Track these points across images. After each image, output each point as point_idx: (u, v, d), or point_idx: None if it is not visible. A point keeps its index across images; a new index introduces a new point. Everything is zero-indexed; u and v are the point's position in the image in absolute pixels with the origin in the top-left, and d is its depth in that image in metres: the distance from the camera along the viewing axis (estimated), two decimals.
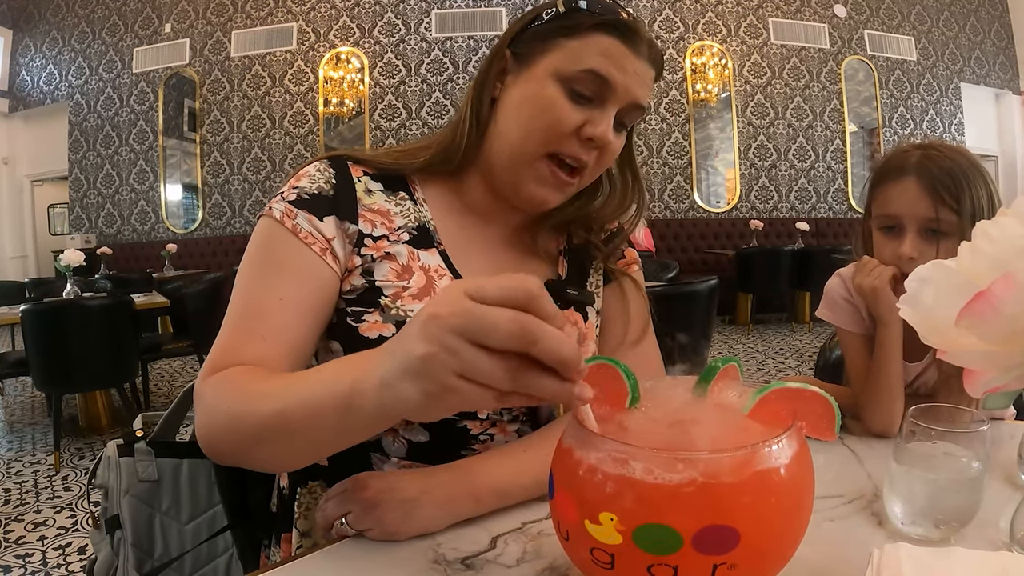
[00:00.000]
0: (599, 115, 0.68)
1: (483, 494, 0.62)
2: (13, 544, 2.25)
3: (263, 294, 0.64)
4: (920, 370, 0.96)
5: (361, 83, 6.99)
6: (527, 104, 0.69)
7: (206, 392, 0.58)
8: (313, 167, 0.73)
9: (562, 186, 0.71)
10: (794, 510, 0.42)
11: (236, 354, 0.61)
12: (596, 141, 0.68)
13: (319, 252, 0.67)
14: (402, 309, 0.68)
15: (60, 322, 2.93)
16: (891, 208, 0.89)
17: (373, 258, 0.70)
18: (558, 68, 0.67)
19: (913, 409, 0.60)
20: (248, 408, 0.53)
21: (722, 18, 7.21)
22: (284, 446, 0.52)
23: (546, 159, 0.69)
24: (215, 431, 0.57)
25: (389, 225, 0.72)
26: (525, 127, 0.69)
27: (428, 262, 0.72)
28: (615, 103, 0.68)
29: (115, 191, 7.41)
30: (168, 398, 4.23)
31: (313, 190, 0.70)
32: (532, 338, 0.37)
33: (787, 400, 0.44)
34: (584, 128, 0.67)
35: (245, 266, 0.67)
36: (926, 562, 0.47)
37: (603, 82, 0.67)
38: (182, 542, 0.80)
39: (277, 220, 0.67)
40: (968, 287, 0.36)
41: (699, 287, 2.87)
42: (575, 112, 0.67)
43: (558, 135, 0.68)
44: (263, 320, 0.63)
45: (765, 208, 7.27)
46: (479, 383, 0.38)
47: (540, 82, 0.68)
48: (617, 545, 0.39)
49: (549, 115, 0.67)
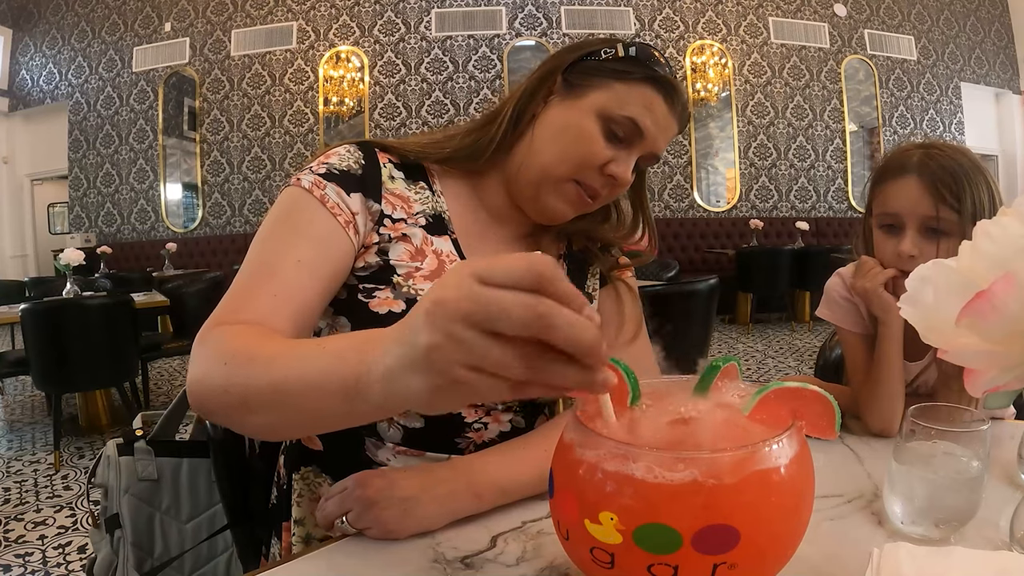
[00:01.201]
0: (625, 156, 0.74)
1: (483, 491, 0.62)
2: (13, 543, 2.25)
3: (281, 254, 0.65)
4: (920, 369, 0.96)
5: (361, 82, 6.99)
6: (567, 132, 0.74)
7: (208, 343, 0.56)
8: (344, 148, 0.75)
9: (582, 207, 0.76)
10: (794, 510, 0.42)
11: (245, 308, 0.61)
12: (616, 180, 0.73)
13: (343, 224, 0.69)
14: (413, 288, 0.70)
15: (60, 321, 2.93)
16: (892, 206, 0.89)
17: (390, 238, 0.72)
18: (603, 107, 0.72)
19: (913, 408, 0.60)
20: (247, 373, 0.50)
21: (722, 17, 7.21)
22: (277, 418, 0.50)
23: (571, 182, 0.74)
24: (207, 388, 0.54)
25: (408, 210, 0.75)
26: (561, 152, 0.74)
27: (441, 247, 0.75)
28: (640, 149, 0.74)
29: (115, 190, 7.41)
30: (168, 397, 4.23)
31: (343, 167, 0.72)
32: (548, 323, 0.34)
33: (787, 399, 0.44)
34: (609, 165, 0.73)
35: (266, 227, 0.68)
36: (926, 561, 0.46)
37: (638, 130, 0.73)
38: (182, 541, 0.80)
39: (306, 189, 0.69)
40: (969, 286, 0.36)
41: (699, 286, 2.87)
42: (607, 149, 0.73)
43: (587, 167, 0.73)
44: (277, 278, 0.63)
45: (765, 207, 7.27)
46: (491, 374, 0.35)
47: (583, 114, 0.73)
48: (617, 544, 0.39)
49: (585, 147, 0.72)
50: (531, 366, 0.35)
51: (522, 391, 0.37)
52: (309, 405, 0.46)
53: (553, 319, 0.34)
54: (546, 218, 0.78)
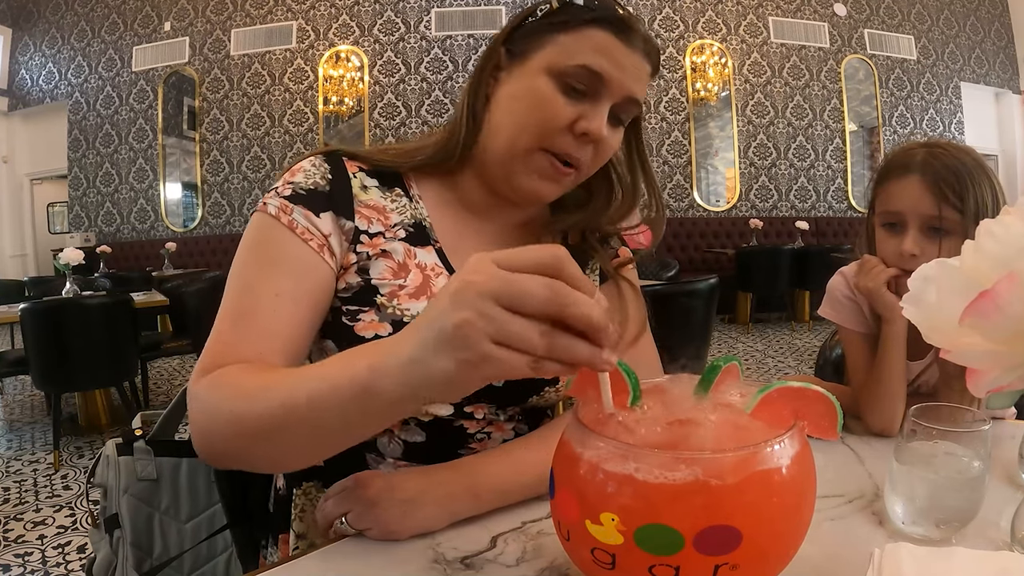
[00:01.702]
0: (592, 110, 0.67)
1: (483, 493, 0.61)
2: (12, 543, 2.24)
3: (258, 290, 0.62)
4: (921, 369, 0.96)
5: (361, 81, 6.98)
6: (520, 99, 0.69)
7: (201, 393, 0.56)
8: (308, 162, 0.71)
9: (559, 178, 0.70)
10: (796, 510, 0.42)
11: (231, 352, 0.59)
12: (590, 136, 0.67)
13: (316, 248, 0.65)
14: (399, 308, 0.67)
15: (59, 321, 2.93)
16: (894, 205, 0.89)
17: (369, 255, 0.69)
18: (551, 63, 0.67)
19: (914, 408, 0.60)
20: (250, 403, 0.51)
21: (722, 17, 7.20)
22: (287, 442, 0.50)
23: (542, 152, 0.68)
24: (215, 432, 0.54)
25: (385, 222, 0.71)
26: (519, 122, 0.68)
27: (424, 260, 0.71)
28: (609, 98, 0.68)
29: (114, 190, 7.41)
30: (167, 397, 4.23)
31: (309, 185, 0.68)
32: (564, 302, 0.38)
33: (789, 399, 0.44)
34: (578, 123, 0.67)
35: (239, 262, 0.66)
36: (927, 562, 0.46)
37: (596, 77, 0.66)
38: (181, 541, 0.80)
39: (272, 216, 0.66)
40: (972, 286, 0.35)
41: (699, 286, 2.87)
42: (568, 107, 0.67)
43: (551, 130, 0.67)
44: (258, 316, 0.61)
45: (765, 207, 7.26)
46: (515, 348, 0.38)
47: (533, 77, 0.68)
48: (618, 545, 0.39)
49: (542, 110, 0.67)
50: (549, 341, 0.38)
51: (539, 368, 0.39)
52: (320, 417, 0.47)
53: (568, 298, 0.38)
54: (527, 199, 0.73)
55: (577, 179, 0.72)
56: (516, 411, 0.74)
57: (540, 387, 0.72)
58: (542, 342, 0.38)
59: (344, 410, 0.45)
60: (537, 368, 0.39)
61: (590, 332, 0.39)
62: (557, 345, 0.39)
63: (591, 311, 0.39)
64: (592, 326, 0.39)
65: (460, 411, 0.70)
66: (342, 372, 0.45)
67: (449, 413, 0.69)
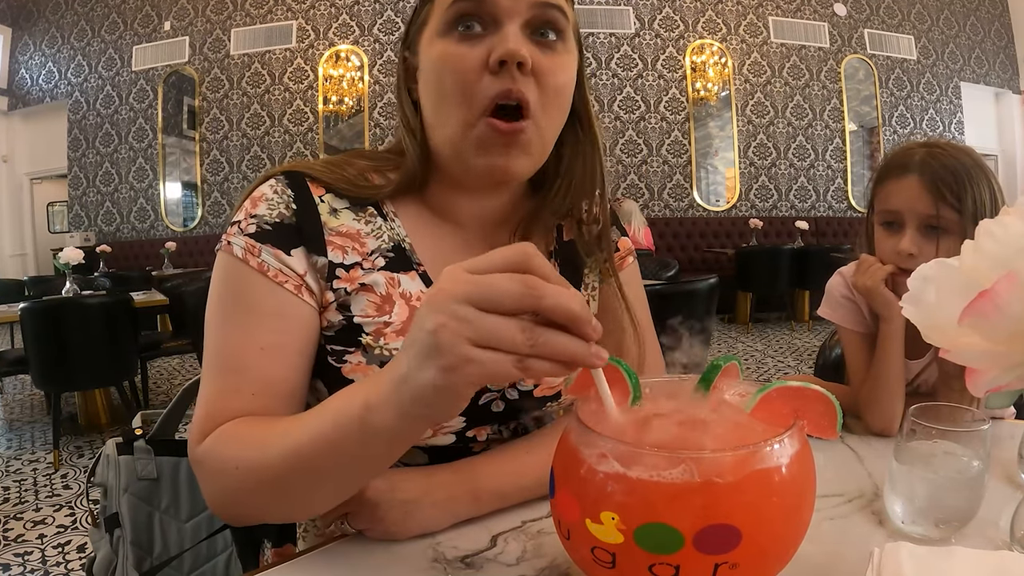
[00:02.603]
0: (498, 37, 0.59)
1: (484, 495, 0.61)
2: (12, 542, 2.25)
3: (241, 344, 0.58)
4: (921, 368, 0.96)
5: (360, 81, 6.98)
6: (430, 77, 0.63)
7: (205, 457, 0.55)
8: (269, 188, 0.64)
9: (511, 139, 0.60)
10: (796, 509, 0.42)
11: (225, 410, 0.57)
12: (511, 59, 0.58)
13: (293, 290, 0.60)
14: (386, 348, 0.63)
15: (59, 320, 2.93)
16: (892, 203, 0.89)
17: (347, 291, 0.63)
18: (436, 25, 0.62)
19: (914, 408, 0.60)
20: (261, 452, 0.51)
21: (722, 16, 7.20)
22: (306, 488, 0.50)
23: (480, 120, 0.60)
24: (229, 489, 0.54)
25: (361, 249, 0.65)
26: (440, 99, 0.62)
27: (408, 288, 0.65)
28: (509, 17, 0.59)
29: (114, 189, 7.40)
30: (167, 396, 4.23)
31: (274, 218, 0.62)
32: (538, 294, 0.38)
33: (789, 399, 0.44)
34: (490, 58, 0.58)
35: (214, 313, 0.61)
36: (926, 561, 0.46)
37: (478, 4, 0.59)
38: (181, 540, 0.80)
39: (239, 258, 0.60)
40: (971, 286, 0.36)
41: (699, 286, 2.87)
42: (472, 50, 0.59)
43: (468, 83, 0.59)
44: (246, 373, 0.58)
45: (765, 207, 7.26)
46: (496, 348, 0.37)
47: (429, 49, 0.63)
48: (618, 544, 0.39)
49: (449, 69, 0.60)
50: (531, 337, 0.38)
51: (526, 367, 0.38)
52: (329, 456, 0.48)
53: (541, 290, 0.38)
54: (492, 179, 0.64)
55: (538, 131, 0.62)
56: (518, 424, 0.72)
57: (542, 404, 0.71)
58: (523, 338, 0.38)
59: (348, 448, 0.46)
60: (524, 367, 0.38)
61: (572, 324, 0.38)
62: (540, 340, 0.38)
63: (569, 301, 0.38)
64: (572, 317, 0.38)
65: (462, 436, 0.68)
66: (341, 411, 0.46)
67: (451, 442, 0.67)
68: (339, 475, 0.50)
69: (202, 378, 0.60)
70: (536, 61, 0.59)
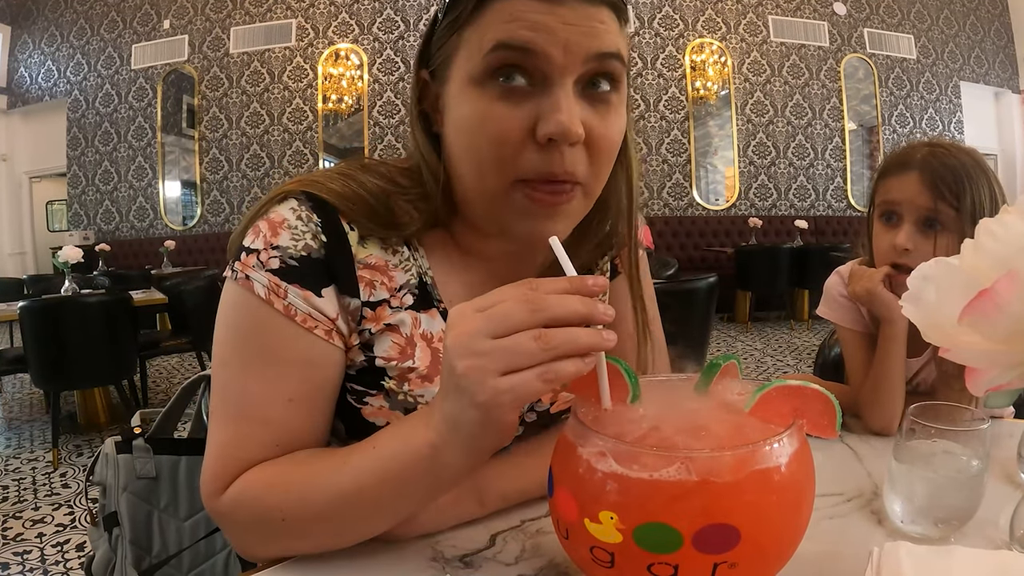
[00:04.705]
0: (548, 101, 0.50)
1: (487, 498, 0.61)
2: (11, 541, 2.25)
3: (264, 395, 0.54)
4: (919, 366, 0.96)
5: (360, 80, 6.97)
6: (461, 132, 0.54)
7: (236, 508, 0.53)
8: (291, 212, 0.56)
9: (553, 208, 0.54)
10: (795, 508, 0.42)
11: (243, 463, 0.54)
12: (561, 137, 0.49)
13: (324, 336, 0.55)
14: (411, 395, 0.59)
15: (58, 319, 2.93)
16: (892, 195, 0.90)
17: (371, 332, 0.58)
18: (469, 71, 0.52)
19: (913, 407, 0.60)
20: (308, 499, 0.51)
21: (722, 15, 7.20)
22: (364, 521, 0.52)
23: (519, 185, 0.53)
24: (271, 538, 0.53)
25: (389, 284, 0.59)
26: (472, 161, 0.54)
27: (429, 328, 0.61)
28: (562, 73, 0.50)
29: (113, 188, 7.40)
30: (166, 395, 4.23)
31: (300, 251, 0.55)
32: (541, 307, 0.40)
33: (788, 398, 0.44)
34: (537, 129, 0.50)
35: (231, 355, 0.55)
36: (926, 560, 0.46)
37: (525, 54, 0.49)
38: (180, 539, 0.80)
39: (262, 299, 0.53)
40: (971, 285, 0.35)
41: (698, 285, 2.87)
42: (515, 112, 0.50)
43: (509, 155, 0.51)
44: (270, 425, 0.54)
45: (764, 206, 7.26)
46: (520, 369, 0.40)
47: (460, 98, 0.53)
48: (617, 544, 0.39)
49: (486, 132, 0.51)
50: (544, 342, 0.40)
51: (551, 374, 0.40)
52: (394, 492, 0.50)
53: (543, 303, 0.40)
54: (534, 241, 0.54)
55: (588, 195, 0.56)
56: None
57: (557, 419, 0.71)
58: (537, 345, 0.40)
59: (421, 483, 0.49)
60: (548, 376, 0.40)
61: (584, 322, 0.41)
62: (552, 341, 0.40)
63: (573, 303, 0.41)
64: (581, 316, 0.41)
65: None
66: (404, 452, 0.48)
67: None
68: (403, 505, 0.52)
69: (213, 422, 0.55)
70: (589, 127, 0.51)
